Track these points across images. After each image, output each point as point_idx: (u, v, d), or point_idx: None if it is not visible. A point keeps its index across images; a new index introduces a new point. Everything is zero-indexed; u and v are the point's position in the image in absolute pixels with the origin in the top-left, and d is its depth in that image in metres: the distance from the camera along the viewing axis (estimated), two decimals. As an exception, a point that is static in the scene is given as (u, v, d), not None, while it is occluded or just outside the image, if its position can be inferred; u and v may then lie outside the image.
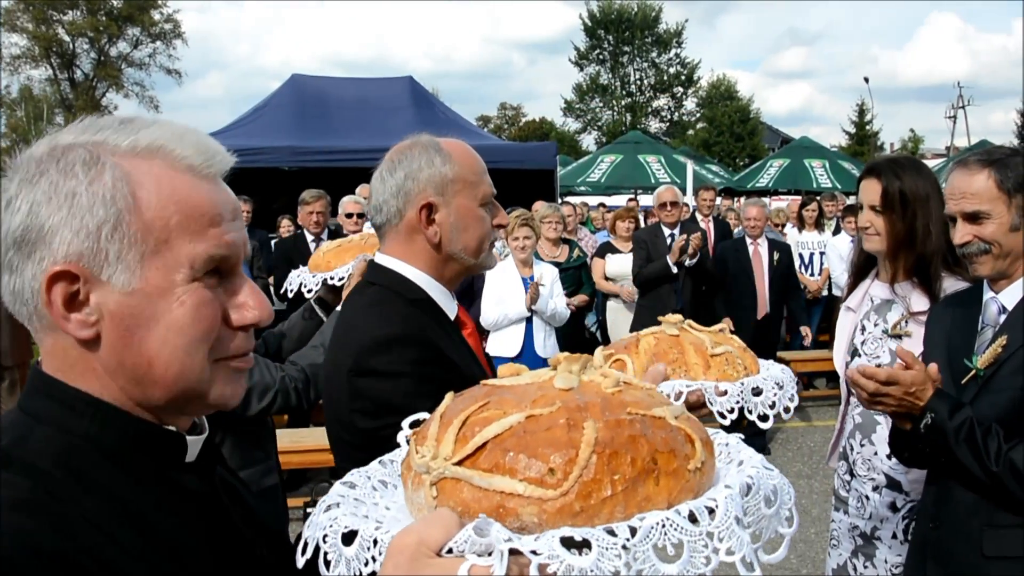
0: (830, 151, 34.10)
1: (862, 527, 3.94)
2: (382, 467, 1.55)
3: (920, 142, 77.05)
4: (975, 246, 3.20)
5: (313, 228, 9.30)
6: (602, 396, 1.35)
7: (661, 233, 10.26)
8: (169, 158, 1.41)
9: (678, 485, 1.26)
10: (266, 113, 16.16)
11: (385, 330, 2.43)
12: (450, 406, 1.41)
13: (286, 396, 3.73)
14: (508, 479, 1.22)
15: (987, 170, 3.18)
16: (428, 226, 2.58)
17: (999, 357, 3.08)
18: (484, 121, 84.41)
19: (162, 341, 1.38)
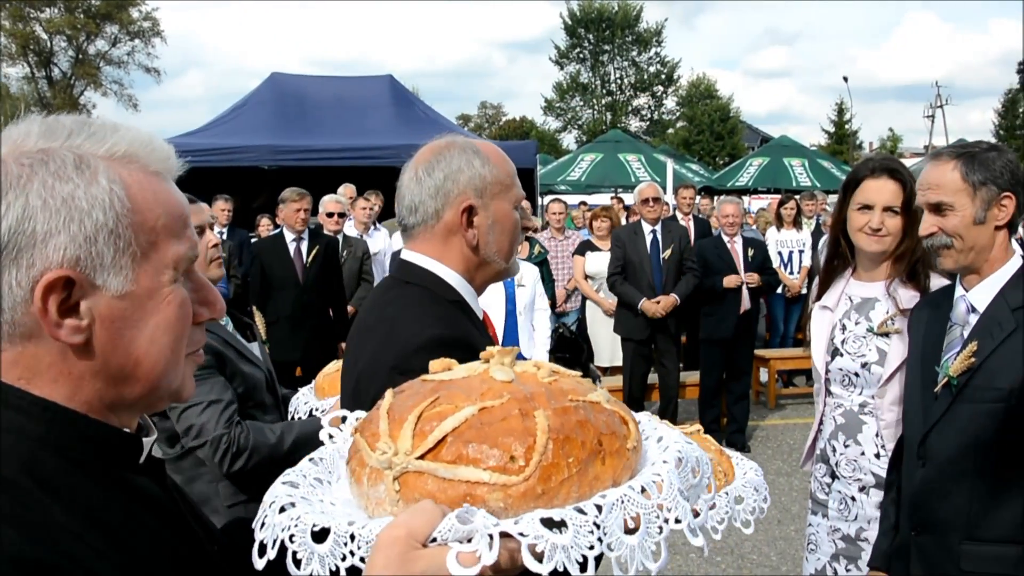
0: (809, 150, 34.18)
1: (845, 529, 3.90)
2: (314, 465, 1.58)
3: (899, 141, 77.49)
4: (938, 239, 3.18)
5: (298, 227, 9.26)
6: (543, 386, 1.44)
7: (641, 231, 10.26)
8: (143, 162, 1.42)
9: (620, 463, 1.39)
10: (245, 112, 16.07)
11: (432, 331, 2.37)
12: (394, 403, 1.45)
13: (214, 448, 3.67)
14: (473, 468, 1.29)
15: (955, 162, 3.16)
16: (468, 229, 2.54)
17: (972, 365, 3.05)
18: (464, 120, 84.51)
19: (150, 340, 1.41)
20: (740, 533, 7.58)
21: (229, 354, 3.81)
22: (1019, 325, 3.00)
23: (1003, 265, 3.15)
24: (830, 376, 3.96)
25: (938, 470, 3.16)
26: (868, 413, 3.82)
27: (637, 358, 10.29)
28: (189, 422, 3.67)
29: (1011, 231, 3.19)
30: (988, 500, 3.05)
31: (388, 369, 2.33)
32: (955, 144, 3.34)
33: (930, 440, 3.19)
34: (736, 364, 10.79)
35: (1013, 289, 3.09)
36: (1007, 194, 3.10)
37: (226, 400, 3.71)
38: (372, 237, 11.72)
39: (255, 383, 3.94)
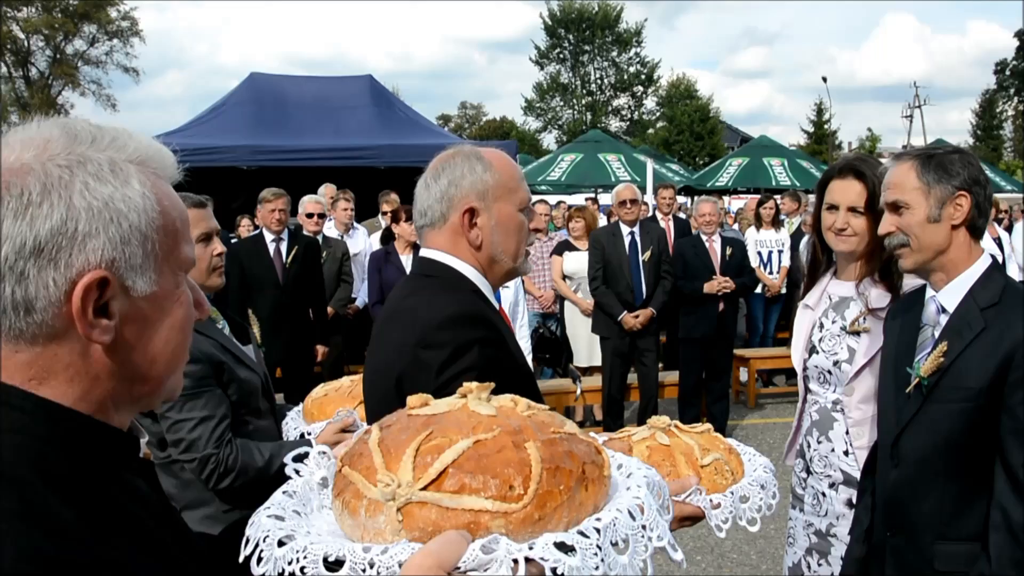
0: (789, 150, 34.27)
1: (817, 524, 3.94)
2: (289, 498, 1.64)
3: (877, 141, 77.80)
4: (896, 238, 3.21)
5: (275, 227, 9.22)
6: (526, 419, 1.57)
7: (619, 232, 10.27)
8: (157, 168, 1.47)
9: (601, 490, 1.53)
10: (224, 112, 16.00)
11: (451, 308, 2.56)
12: (386, 437, 1.55)
13: (201, 466, 3.66)
14: (476, 497, 1.40)
15: (912, 161, 3.21)
16: (470, 229, 2.72)
17: (941, 365, 3.07)
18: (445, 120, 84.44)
19: (165, 340, 1.46)
20: (720, 532, 7.66)
21: (227, 360, 3.79)
22: (988, 325, 3.03)
23: (970, 266, 3.17)
24: (808, 373, 4.02)
25: (911, 471, 3.19)
26: (839, 411, 3.88)
27: (616, 358, 10.30)
28: (179, 436, 3.65)
29: (975, 233, 3.20)
30: (959, 499, 3.07)
31: (411, 346, 2.51)
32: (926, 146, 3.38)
33: (902, 441, 3.21)
34: (715, 363, 10.82)
35: (982, 289, 3.12)
36: (962, 193, 3.13)
37: (219, 416, 3.69)
38: (352, 238, 11.70)
39: (251, 389, 3.91)
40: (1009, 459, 2.90)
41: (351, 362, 11.53)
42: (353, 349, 11.55)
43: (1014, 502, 2.87)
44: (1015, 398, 2.90)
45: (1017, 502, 2.86)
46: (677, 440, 2.74)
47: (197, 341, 3.60)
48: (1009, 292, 3.09)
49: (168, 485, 3.78)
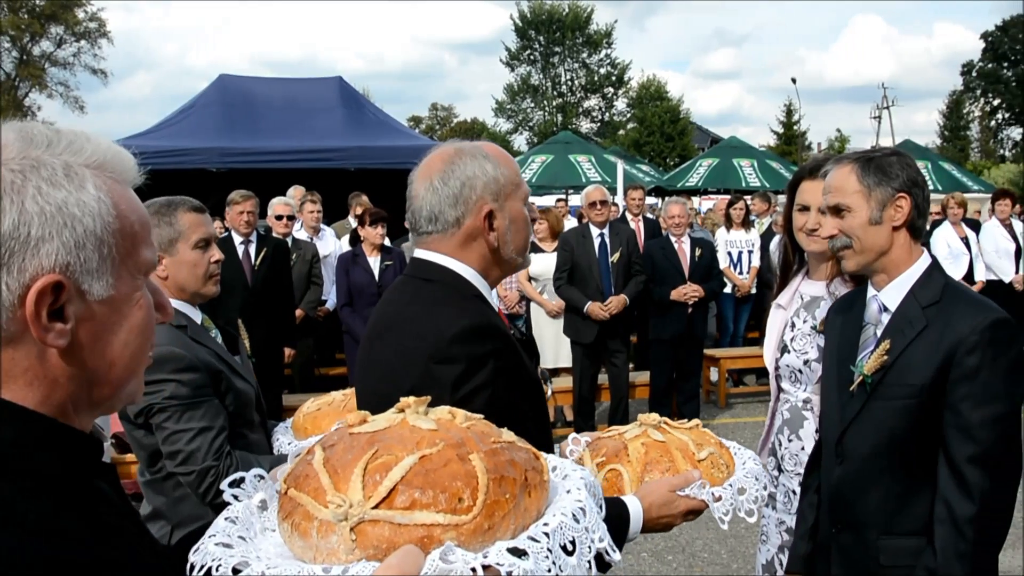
0: (759, 151, 34.40)
1: (789, 522, 3.96)
2: (232, 524, 1.65)
3: (846, 142, 78.31)
4: (839, 240, 3.25)
5: (243, 229, 9.18)
6: (466, 431, 1.62)
7: (589, 234, 10.30)
8: (115, 172, 1.46)
9: (542, 495, 1.61)
10: (193, 114, 15.88)
11: (464, 320, 2.44)
12: (331, 457, 1.57)
13: (200, 479, 3.55)
14: (427, 512, 1.44)
15: (852, 165, 3.24)
16: (490, 232, 2.60)
17: (884, 363, 3.11)
18: (416, 122, 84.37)
19: (124, 344, 1.45)
20: (691, 531, 7.68)
21: (223, 369, 3.72)
22: (929, 323, 3.07)
23: (911, 265, 3.21)
24: (779, 372, 4.05)
25: (855, 467, 3.23)
26: (810, 409, 3.92)
27: (586, 359, 10.34)
28: (177, 447, 3.54)
29: (915, 233, 3.24)
30: (903, 494, 3.12)
31: (424, 359, 2.39)
32: (864, 150, 3.41)
33: (847, 438, 3.25)
34: (686, 363, 10.88)
35: (922, 288, 3.16)
36: (902, 195, 3.17)
37: (217, 427, 3.59)
38: (322, 240, 11.66)
39: (247, 400, 3.84)
40: (952, 454, 2.96)
41: (322, 365, 11.50)
42: (324, 351, 11.51)
43: (958, 496, 2.93)
44: (957, 395, 2.95)
45: (961, 496, 2.92)
46: (670, 436, 2.78)
47: (194, 350, 3.60)
48: (949, 291, 3.14)
49: (158, 503, 3.72)
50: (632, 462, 2.70)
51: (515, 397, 2.43)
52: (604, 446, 2.83)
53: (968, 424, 2.92)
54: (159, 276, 3.61)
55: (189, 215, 3.73)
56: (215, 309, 4.04)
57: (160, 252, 3.61)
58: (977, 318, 2.97)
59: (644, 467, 2.68)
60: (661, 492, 2.60)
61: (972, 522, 2.89)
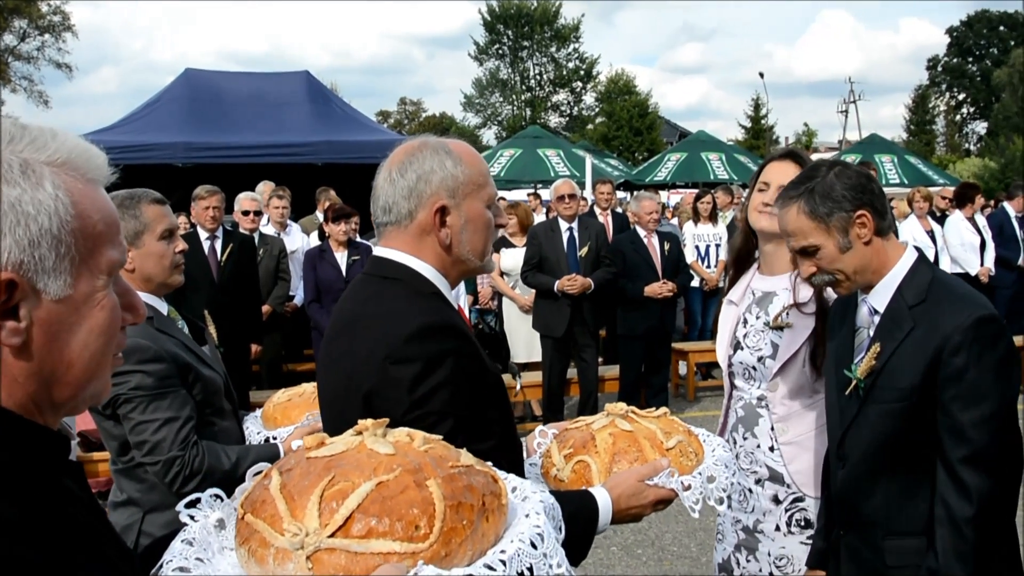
0: (727, 145, 34.55)
1: (745, 521, 3.96)
2: (189, 546, 1.65)
3: (814, 136, 78.83)
4: (822, 278, 3.22)
5: (209, 225, 9.12)
6: (424, 455, 1.62)
7: (558, 227, 10.32)
8: (81, 169, 1.44)
9: (500, 519, 1.62)
10: (158, 108, 15.73)
11: (421, 319, 2.40)
12: (288, 483, 1.57)
13: (166, 469, 3.55)
14: (384, 540, 1.46)
15: (798, 203, 3.18)
16: (440, 229, 2.56)
17: (875, 367, 3.12)
18: (384, 116, 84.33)
19: (84, 344, 1.43)
20: (660, 525, 7.69)
21: (190, 359, 3.71)
22: (916, 323, 3.06)
23: (894, 265, 3.19)
24: (733, 369, 4.03)
25: (856, 470, 3.23)
26: (764, 407, 3.90)
27: (556, 354, 10.34)
28: (143, 437, 3.54)
29: (885, 235, 3.21)
30: (903, 495, 3.12)
31: (382, 360, 2.35)
32: (795, 177, 3.35)
33: (847, 441, 3.26)
34: (655, 357, 10.90)
35: (909, 287, 3.14)
36: (860, 212, 3.12)
37: (184, 417, 3.59)
38: (289, 235, 11.61)
39: (215, 389, 3.83)
40: (948, 455, 2.96)
41: (290, 360, 11.45)
42: (292, 347, 11.46)
43: (956, 497, 2.92)
44: (946, 396, 2.94)
45: (959, 497, 2.92)
46: (638, 425, 2.77)
47: (161, 340, 3.59)
48: (935, 287, 3.12)
49: (131, 490, 3.72)
50: (600, 452, 2.68)
51: (475, 396, 2.40)
52: (571, 437, 2.81)
53: (959, 425, 2.92)
54: (126, 269, 3.58)
55: (153, 207, 3.74)
56: (181, 305, 4.03)
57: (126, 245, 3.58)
58: (960, 317, 2.95)
59: (612, 457, 2.67)
60: (630, 482, 2.58)
61: (971, 523, 2.89)
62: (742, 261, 4.15)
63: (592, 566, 7.16)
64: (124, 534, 3.58)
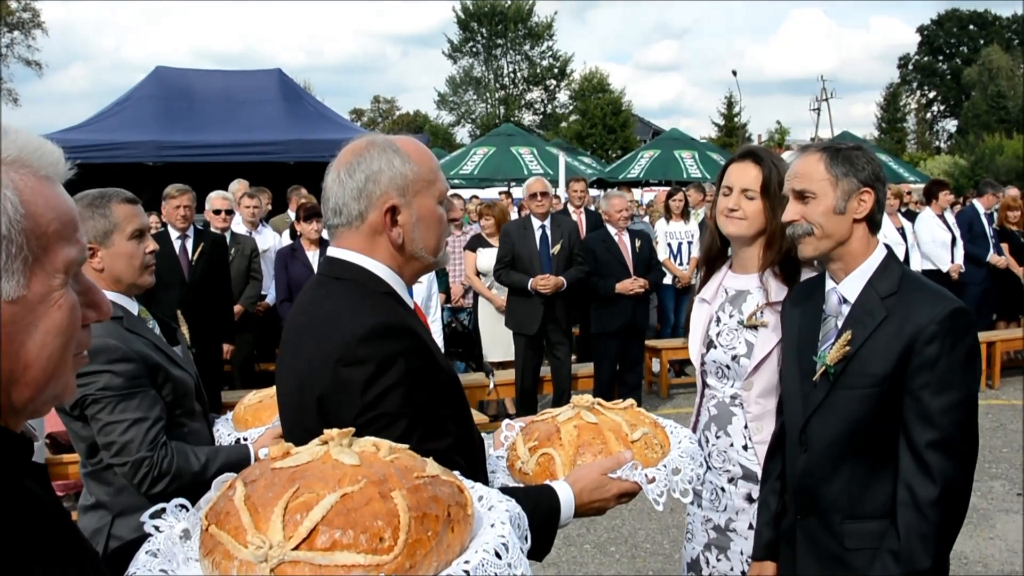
0: (700, 142, 34.66)
1: (716, 520, 3.96)
2: (154, 558, 1.64)
3: (786, 133, 79.13)
4: (800, 227, 3.27)
5: (180, 224, 9.06)
6: (390, 465, 1.62)
7: (531, 226, 10.32)
8: (34, 167, 1.41)
9: (465, 529, 1.62)
10: (128, 107, 15.66)
11: (372, 320, 2.37)
12: (252, 494, 1.56)
13: (134, 470, 3.53)
14: (348, 553, 1.45)
15: (820, 154, 3.27)
16: (392, 228, 2.53)
17: (847, 354, 3.15)
18: (357, 114, 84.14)
19: (41, 345, 1.39)
20: (633, 523, 7.71)
21: (160, 359, 3.68)
22: (889, 313, 3.11)
23: (868, 257, 3.25)
24: (705, 368, 4.04)
25: (819, 455, 3.26)
26: (738, 405, 3.90)
27: (529, 352, 10.34)
28: (111, 438, 3.51)
29: (873, 227, 3.28)
30: (866, 480, 3.17)
31: (333, 363, 2.33)
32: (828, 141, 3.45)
33: (811, 427, 3.28)
34: (628, 355, 10.92)
35: (880, 279, 3.20)
36: (867, 189, 3.21)
37: (152, 418, 3.56)
38: (261, 234, 11.55)
39: (186, 390, 3.80)
40: (914, 440, 3.02)
41: (261, 360, 11.40)
42: (264, 347, 11.41)
43: (920, 480, 2.99)
44: (917, 382, 3.00)
45: (923, 480, 2.98)
46: (603, 417, 2.77)
47: (130, 340, 3.56)
48: (906, 281, 3.19)
49: (100, 493, 3.69)
50: (564, 445, 2.68)
51: (429, 396, 2.39)
52: (537, 430, 2.81)
53: (928, 411, 2.99)
54: (95, 269, 3.61)
55: (123, 206, 3.72)
56: (152, 305, 4.00)
57: (96, 244, 3.61)
58: (936, 308, 3.02)
59: (576, 450, 2.67)
60: (592, 476, 2.59)
61: (934, 505, 2.95)
62: (714, 260, 4.15)
63: (565, 564, 7.17)
64: (93, 538, 3.56)
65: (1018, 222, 14.01)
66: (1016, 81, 75.26)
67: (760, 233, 3.86)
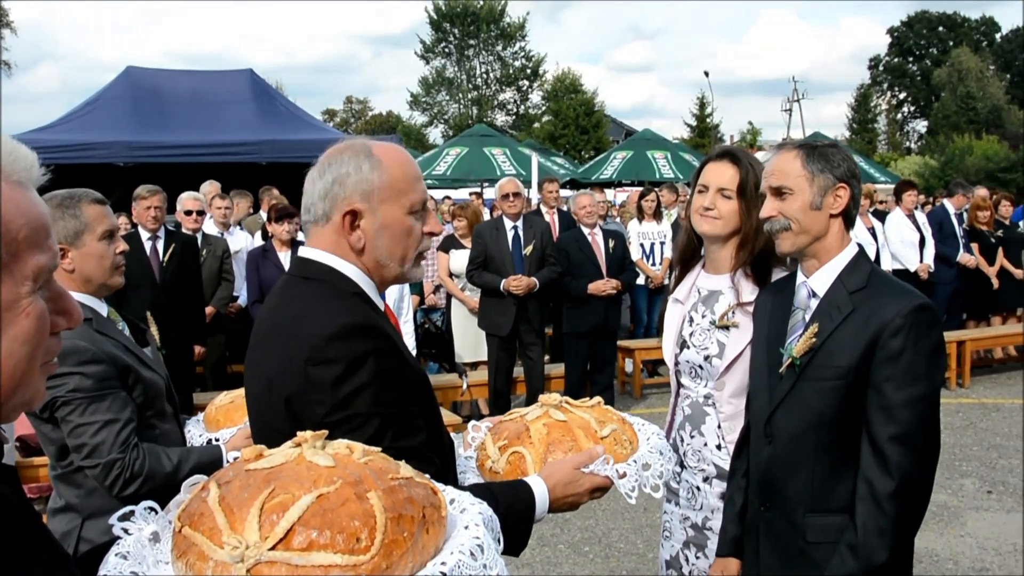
0: (672, 143, 34.76)
1: (693, 518, 3.99)
2: (124, 560, 1.63)
3: (758, 134, 79.48)
4: (778, 222, 3.29)
5: (150, 225, 9.00)
6: (364, 467, 1.62)
7: (503, 226, 10.32)
8: (5, 172, 1.38)
9: (440, 531, 1.62)
10: (99, 107, 15.49)
11: (341, 319, 2.37)
12: (227, 495, 1.56)
13: (105, 472, 3.51)
14: (325, 553, 1.45)
15: (797, 151, 3.31)
16: (351, 232, 2.53)
17: (813, 346, 3.18)
18: (330, 115, 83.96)
19: (8, 353, 1.37)
20: (607, 523, 7.73)
21: (130, 361, 3.66)
22: (856, 307, 3.15)
23: (840, 253, 3.29)
24: (679, 368, 4.06)
25: (784, 447, 3.28)
26: (711, 405, 3.92)
27: (502, 352, 10.35)
28: (81, 440, 3.49)
29: (848, 223, 3.33)
30: (830, 474, 3.19)
31: (302, 363, 2.33)
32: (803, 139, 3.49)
33: (776, 419, 3.30)
34: (600, 355, 10.94)
35: (850, 274, 3.24)
36: (842, 185, 3.25)
37: (123, 419, 3.54)
38: (233, 235, 11.50)
39: (157, 391, 3.78)
40: (875, 433, 3.04)
41: (234, 362, 11.35)
42: (236, 348, 11.37)
43: (879, 474, 3.01)
44: (881, 376, 3.04)
45: (882, 473, 3.01)
46: (572, 415, 2.78)
47: (100, 342, 3.54)
48: (875, 277, 3.24)
49: (70, 496, 3.67)
50: (534, 443, 2.69)
51: (400, 396, 2.39)
52: (506, 429, 2.82)
53: (891, 404, 3.01)
54: (65, 269, 3.59)
55: (93, 207, 3.70)
56: (122, 306, 3.99)
57: (66, 245, 3.59)
58: (902, 303, 3.06)
59: (547, 447, 2.68)
60: (565, 471, 2.60)
61: (892, 499, 2.97)
62: (687, 260, 4.17)
63: (540, 564, 7.18)
64: (63, 541, 3.52)
65: (988, 222, 14.16)
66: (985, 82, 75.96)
67: (734, 233, 3.88)
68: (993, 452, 9.89)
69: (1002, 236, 14.26)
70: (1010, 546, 7.37)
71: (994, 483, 8.90)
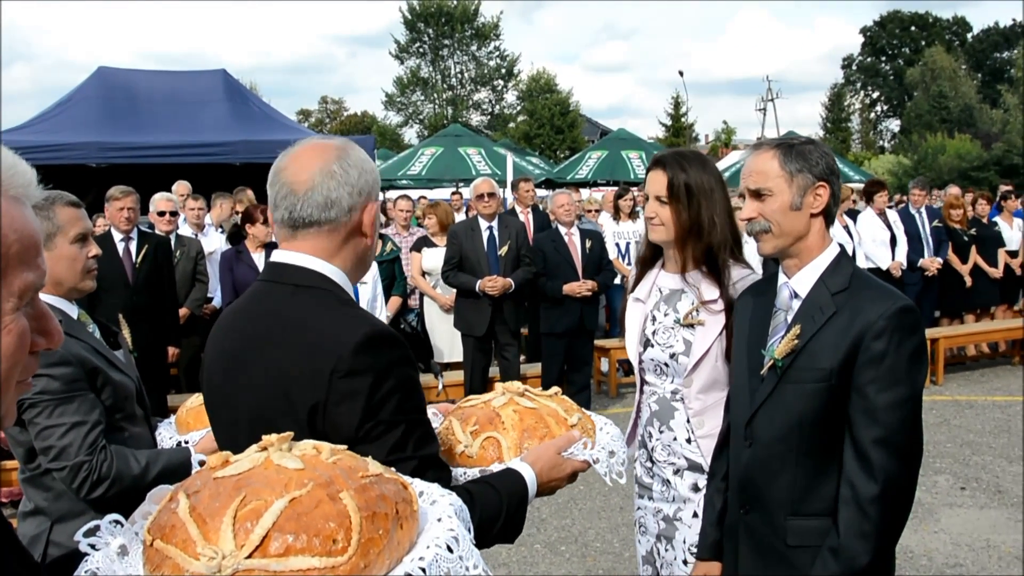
0: (647, 143, 34.81)
1: (666, 510, 4.02)
2: None
3: (733, 133, 79.84)
4: (758, 224, 3.27)
5: (123, 226, 8.94)
6: (334, 467, 1.61)
7: (478, 226, 10.32)
8: (3, 187, 1.36)
9: (413, 526, 1.63)
10: (71, 107, 15.36)
11: (365, 328, 2.29)
12: (197, 505, 1.53)
13: (73, 474, 3.46)
14: (302, 557, 1.44)
15: (774, 151, 3.28)
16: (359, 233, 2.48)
17: (796, 347, 3.16)
18: (305, 115, 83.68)
19: None
20: (583, 522, 7.73)
21: (99, 363, 3.61)
22: (839, 309, 3.13)
23: (821, 253, 3.26)
24: (644, 366, 4.09)
25: (765, 450, 3.26)
26: (679, 400, 3.97)
27: (477, 352, 10.35)
28: (49, 442, 3.45)
29: (829, 222, 3.31)
30: (811, 477, 3.17)
31: (328, 374, 2.24)
32: (779, 137, 3.48)
33: (756, 421, 3.29)
34: (577, 355, 10.95)
35: (832, 275, 3.22)
36: (822, 183, 3.22)
37: (91, 421, 3.50)
38: (207, 236, 11.44)
39: (126, 393, 3.73)
40: (858, 436, 3.03)
41: (208, 363, 11.29)
42: (210, 350, 11.31)
43: (862, 477, 3.00)
44: (863, 378, 3.02)
45: (865, 477, 2.99)
46: (540, 403, 2.78)
47: (68, 344, 3.48)
48: (857, 278, 3.21)
49: (39, 499, 3.64)
50: (508, 429, 2.68)
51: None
52: (473, 414, 2.77)
53: (874, 407, 3.00)
54: None
55: (67, 210, 3.66)
56: (95, 308, 3.95)
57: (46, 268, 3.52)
58: (885, 304, 3.04)
59: (521, 434, 2.67)
60: (549, 456, 2.60)
61: (875, 502, 2.96)
62: (648, 261, 4.21)
63: (516, 564, 7.17)
64: (32, 545, 3.50)
65: (961, 220, 14.23)
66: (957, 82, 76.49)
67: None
68: (966, 449, 9.95)
69: (975, 234, 14.35)
70: (983, 542, 7.42)
71: (967, 480, 8.95)
